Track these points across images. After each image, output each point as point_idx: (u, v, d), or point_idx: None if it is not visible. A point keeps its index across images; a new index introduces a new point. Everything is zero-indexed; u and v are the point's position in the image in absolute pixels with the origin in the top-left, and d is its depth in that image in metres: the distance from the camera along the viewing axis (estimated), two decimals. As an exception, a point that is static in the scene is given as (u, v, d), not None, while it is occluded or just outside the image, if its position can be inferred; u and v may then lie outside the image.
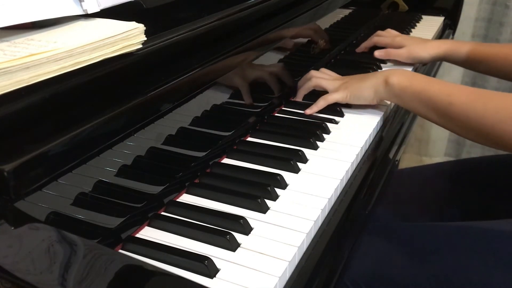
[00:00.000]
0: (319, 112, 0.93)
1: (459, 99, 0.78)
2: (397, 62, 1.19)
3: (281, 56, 0.94)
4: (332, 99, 0.93)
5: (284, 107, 0.96)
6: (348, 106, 0.94)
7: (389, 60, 1.20)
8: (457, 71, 2.01)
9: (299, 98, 0.99)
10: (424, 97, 0.83)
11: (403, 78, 0.87)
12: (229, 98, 0.80)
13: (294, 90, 1.01)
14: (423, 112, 0.84)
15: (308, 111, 0.92)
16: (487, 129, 0.75)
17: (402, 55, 1.18)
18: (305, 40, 1.03)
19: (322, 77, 0.97)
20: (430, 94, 0.82)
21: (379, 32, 1.26)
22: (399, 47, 1.19)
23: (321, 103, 0.93)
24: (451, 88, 0.81)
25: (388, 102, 0.95)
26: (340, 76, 0.99)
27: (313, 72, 0.99)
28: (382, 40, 1.23)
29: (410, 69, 1.19)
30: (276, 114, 0.94)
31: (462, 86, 0.82)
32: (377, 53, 1.19)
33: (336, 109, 0.93)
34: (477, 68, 1.15)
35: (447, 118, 0.80)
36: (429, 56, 1.17)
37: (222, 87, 0.78)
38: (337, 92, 0.93)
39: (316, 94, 0.96)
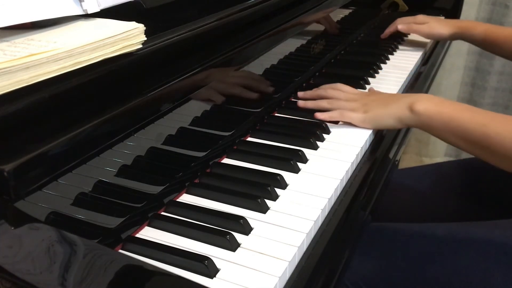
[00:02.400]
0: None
1: (495, 129, 0.73)
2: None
3: (281, 56, 0.94)
4: (348, 118, 0.87)
5: (278, 113, 0.94)
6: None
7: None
8: (457, 72, 2.01)
9: (304, 108, 0.93)
10: (455, 126, 0.77)
11: (429, 105, 0.80)
12: (229, 98, 0.80)
13: (292, 92, 1.01)
14: (454, 142, 0.79)
15: (319, 115, 0.88)
16: None
17: (423, 30, 1.28)
18: (305, 40, 1.03)
19: (339, 98, 0.91)
20: (462, 123, 0.76)
21: (400, 19, 1.35)
22: (422, 23, 1.29)
23: (336, 115, 0.88)
24: (484, 116, 0.76)
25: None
26: (358, 92, 0.93)
27: (330, 92, 0.93)
28: (405, 20, 1.32)
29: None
30: (276, 114, 0.94)
31: (495, 114, 0.77)
32: (400, 26, 1.30)
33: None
34: (492, 49, 1.23)
35: (483, 149, 0.76)
36: (448, 33, 1.26)
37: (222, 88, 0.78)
38: (355, 112, 0.87)
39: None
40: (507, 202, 1.00)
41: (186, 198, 0.69)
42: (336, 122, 0.89)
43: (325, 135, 0.85)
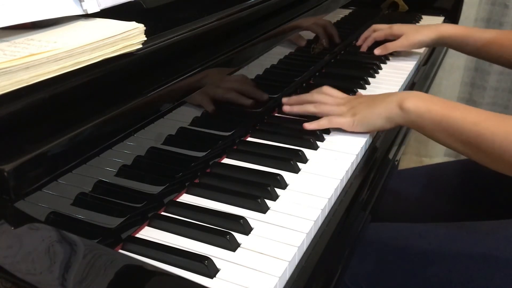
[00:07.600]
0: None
1: (489, 128, 0.70)
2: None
3: (281, 56, 0.94)
4: (336, 123, 0.84)
5: (278, 113, 0.93)
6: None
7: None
8: (457, 72, 2.01)
9: (290, 113, 0.90)
10: (446, 125, 0.74)
11: (419, 102, 0.77)
12: (229, 98, 0.80)
13: (292, 91, 1.01)
14: (445, 141, 0.76)
15: (307, 126, 0.84)
16: None
17: (402, 45, 1.20)
18: (305, 40, 1.03)
19: (326, 102, 0.87)
20: (453, 122, 0.74)
21: (375, 26, 1.27)
22: (399, 35, 1.21)
23: (324, 122, 0.84)
24: (476, 115, 0.73)
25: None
26: (345, 96, 0.90)
27: (316, 96, 0.89)
28: (381, 34, 1.24)
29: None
30: (276, 114, 0.94)
31: (488, 113, 0.73)
32: (377, 51, 1.21)
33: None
34: (476, 54, 1.16)
35: (475, 149, 0.73)
36: (429, 39, 1.18)
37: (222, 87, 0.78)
38: (343, 117, 0.84)
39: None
40: (506, 202, 1.00)
41: (186, 198, 0.69)
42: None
43: (325, 135, 0.85)
